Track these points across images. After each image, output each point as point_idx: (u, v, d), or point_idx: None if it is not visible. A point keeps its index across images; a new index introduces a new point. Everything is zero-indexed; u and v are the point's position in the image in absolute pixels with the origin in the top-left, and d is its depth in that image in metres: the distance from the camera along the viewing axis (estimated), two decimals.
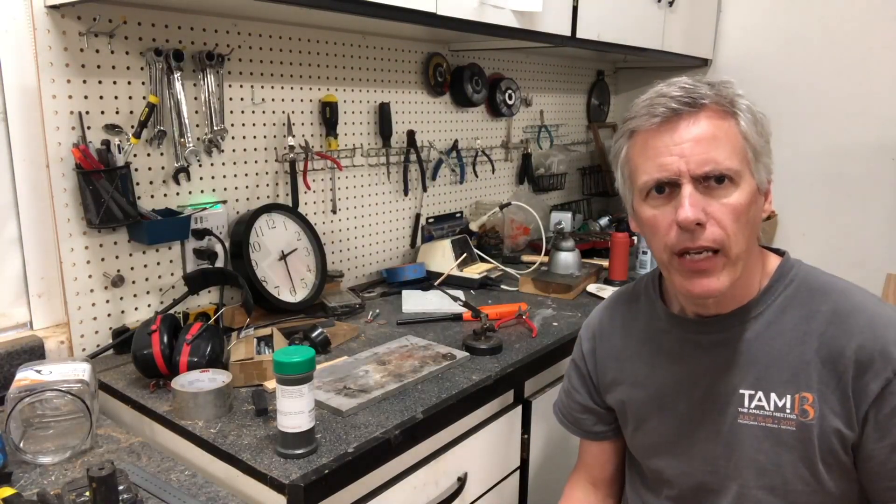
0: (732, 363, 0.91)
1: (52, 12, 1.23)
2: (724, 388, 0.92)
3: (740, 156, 0.83)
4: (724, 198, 0.82)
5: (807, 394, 0.86)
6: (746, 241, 0.85)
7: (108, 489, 0.81)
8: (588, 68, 2.81)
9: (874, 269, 2.33)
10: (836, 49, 2.35)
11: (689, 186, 0.83)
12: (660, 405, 0.99)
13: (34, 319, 1.33)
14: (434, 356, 1.36)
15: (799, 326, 0.88)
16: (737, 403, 0.91)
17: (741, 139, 0.84)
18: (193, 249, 1.50)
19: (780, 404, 0.88)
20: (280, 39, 1.63)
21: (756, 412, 0.89)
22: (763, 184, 0.86)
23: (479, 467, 1.32)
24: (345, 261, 1.90)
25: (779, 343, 0.89)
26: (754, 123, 0.85)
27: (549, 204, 2.52)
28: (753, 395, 0.89)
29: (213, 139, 1.51)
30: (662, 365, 1.00)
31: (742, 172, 0.83)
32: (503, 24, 1.60)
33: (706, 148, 0.82)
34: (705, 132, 0.83)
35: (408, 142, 2.00)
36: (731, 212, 0.82)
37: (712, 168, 0.82)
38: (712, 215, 0.82)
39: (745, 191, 0.83)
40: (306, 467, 0.97)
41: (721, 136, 0.83)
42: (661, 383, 0.99)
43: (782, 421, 0.87)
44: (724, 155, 0.82)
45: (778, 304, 0.90)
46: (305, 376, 0.97)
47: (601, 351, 1.09)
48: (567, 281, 1.85)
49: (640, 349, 1.03)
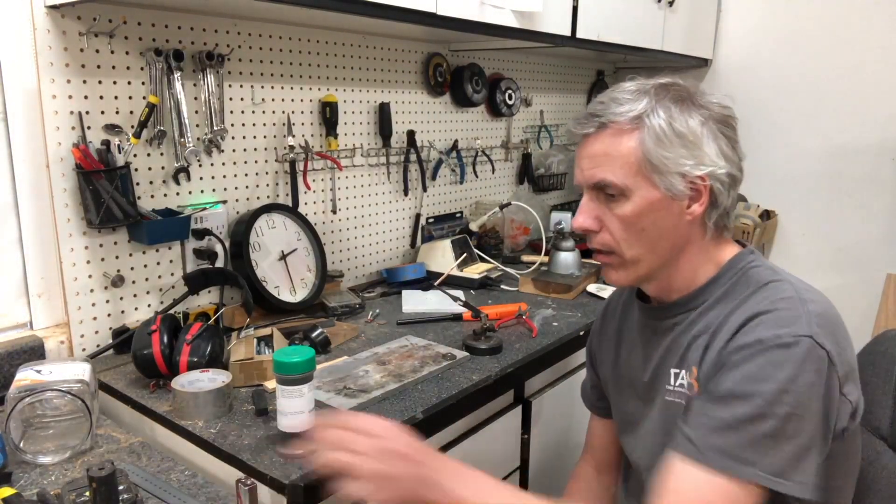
0: (671, 346, 0.97)
1: (52, 12, 1.24)
2: (663, 370, 0.98)
3: (631, 171, 0.89)
4: (615, 209, 0.92)
5: (694, 367, 0.91)
6: (641, 246, 0.92)
7: (108, 489, 0.81)
8: (588, 68, 2.82)
9: (874, 269, 2.34)
10: (836, 49, 2.35)
11: (587, 196, 0.95)
12: (628, 384, 1.07)
13: (34, 319, 1.33)
14: (434, 356, 1.36)
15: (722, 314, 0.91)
16: (665, 381, 0.97)
17: (637, 155, 0.89)
18: (193, 249, 1.50)
19: (686, 382, 0.93)
20: (280, 39, 1.63)
21: (678, 389, 0.94)
22: (677, 190, 0.89)
23: (479, 467, 1.32)
24: (345, 261, 1.90)
25: (702, 327, 0.93)
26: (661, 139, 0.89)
27: (549, 204, 2.52)
28: (677, 374, 0.95)
29: (213, 139, 1.51)
30: (631, 347, 1.07)
31: (632, 186, 0.90)
32: (503, 24, 1.60)
33: (596, 163, 0.92)
34: (597, 149, 0.92)
35: (408, 142, 2.00)
36: (619, 221, 0.92)
37: (599, 181, 0.91)
38: (604, 223, 0.93)
39: (636, 203, 0.90)
40: (306, 467, 0.97)
41: (612, 152, 0.90)
42: (627, 364, 1.07)
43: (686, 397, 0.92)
44: (611, 170, 0.90)
45: (718, 294, 0.94)
46: (305, 376, 0.97)
47: (601, 329, 1.17)
48: (567, 281, 1.85)
49: (622, 330, 1.11)
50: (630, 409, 1.06)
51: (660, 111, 0.89)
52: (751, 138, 2.52)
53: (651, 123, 0.89)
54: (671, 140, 0.89)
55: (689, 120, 0.89)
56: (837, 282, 2.39)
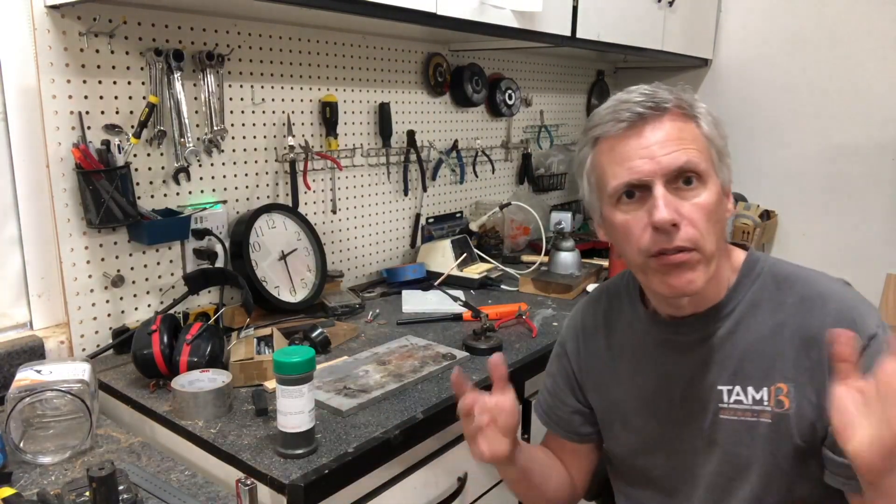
0: (709, 361, 0.92)
1: (52, 12, 1.23)
2: (703, 386, 0.93)
3: (706, 155, 0.85)
4: (694, 198, 0.84)
5: (781, 384, 0.87)
6: (717, 239, 0.86)
7: (108, 489, 0.81)
8: (588, 68, 2.81)
9: (874, 269, 2.34)
10: (836, 49, 2.35)
11: (661, 188, 0.83)
12: (644, 404, 1.00)
13: (34, 319, 1.33)
14: (434, 356, 1.36)
15: (769, 319, 0.89)
16: (716, 400, 0.91)
17: (705, 140, 0.86)
18: (193, 249, 1.50)
19: (757, 397, 0.89)
20: (280, 39, 1.63)
21: (735, 406, 0.90)
22: (727, 184, 0.89)
23: (479, 467, 1.32)
24: (345, 261, 1.90)
25: (751, 337, 0.90)
26: (715, 126, 0.87)
27: (549, 204, 2.52)
28: (731, 390, 0.90)
29: (213, 139, 1.51)
30: (644, 364, 1.00)
31: (709, 172, 0.85)
32: (503, 24, 1.60)
33: (675, 147, 0.83)
34: (671, 133, 0.84)
35: (408, 142, 2.00)
36: (702, 211, 0.84)
37: (684, 164, 0.83)
38: (685, 216, 0.83)
39: (712, 191, 0.85)
40: (306, 467, 0.97)
41: (687, 136, 0.85)
42: (644, 383, 0.99)
43: (760, 414, 0.88)
44: (693, 154, 0.84)
45: (748, 299, 0.91)
46: (305, 376, 0.97)
47: (585, 350, 1.08)
48: (567, 281, 1.85)
49: (623, 348, 1.02)
50: (655, 429, 0.99)
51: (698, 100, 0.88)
52: (751, 138, 2.52)
53: (702, 111, 0.87)
54: (719, 129, 0.87)
55: None
56: None
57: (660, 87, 0.87)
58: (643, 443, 1.01)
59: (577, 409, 1.09)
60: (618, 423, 1.04)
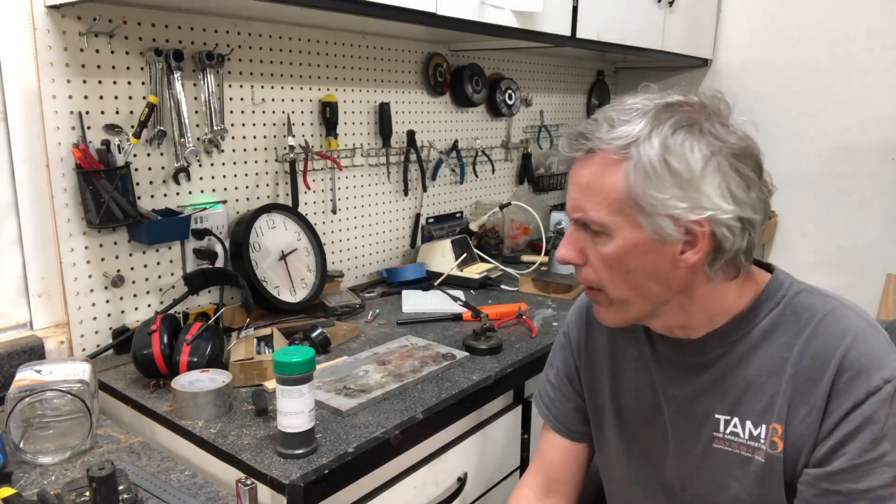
0: (710, 387, 0.89)
1: (52, 12, 1.23)
2: (700, 411, 0.90)
3: (612, 208, 0.80)
4: (599, 245, 0.83)
5: (776, 425, 0.83)
6: (631, 288, 0.83)
7: (108, 489, 0.81)
8: (588, 68, 2.81)
9: (874, 269, 2.34)
10: (836, 49, 2.35)
11: (571, 226, 0.86)
12: (637, 413, 0.98)
13: (34, 319, 1.33)
14: (434, 356, 1.36)
15: (779, 353, 0.84)
16: (712, 427, 0.89)
17: (621, 191, 0.79)
18: (193, 249, 1.50)
19: (754, 433, 0.85)
20: (280, 39, 1.63)
21: (731, 438, 0.87)
22: (666, 234, 0.79)
23: (479, 467, 1.32)
24: (345, 261, 1.90)
25: (757, 369, 0.85)
26: (649, 175, 0.77)
27: (549, 204, 2.52)
28: (729, 421, 0.87)
29: (213, 139, 1.51)
30: (638, 375, 0.98)
31: (613, 225, 0.81)
32: (503, 24, 1.60)
33: (580, 196, 0.83)
34: (583, 180, 0.83)
35: (408, 142, 2.00)
36: (601, 260, 0.83)
37: (580, 216, 0.84)
38: (588, 258, 0.85)
39: (618, 243, 0.81)
40: (306, 467, 0.97)
41: (596, 185, 0.81)
42: (640, 392, 0.97)
43: (755, 451, 0.85)
44: (592, 205, 0.81)
45: (762, 327, 0.86)
46: (305, 376, 0.97)
47: (588, 344, 1.05)
48: (567, 281, 1.85)
49: (626, 352, 1.00)
50: (646, 439, 0.97)
51: (654, 140, 0.77)
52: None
53: (641, 155, 0.77)
54: (662, 177, 0.77)
55: (689, 153, 0.77)
56: (837, 282, 2.38)
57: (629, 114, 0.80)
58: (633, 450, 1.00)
59: (578, 404, 1.08)
60: (608, 424, 1.03)
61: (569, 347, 1.09)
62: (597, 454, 1.09)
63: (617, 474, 1.05)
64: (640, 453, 0.99)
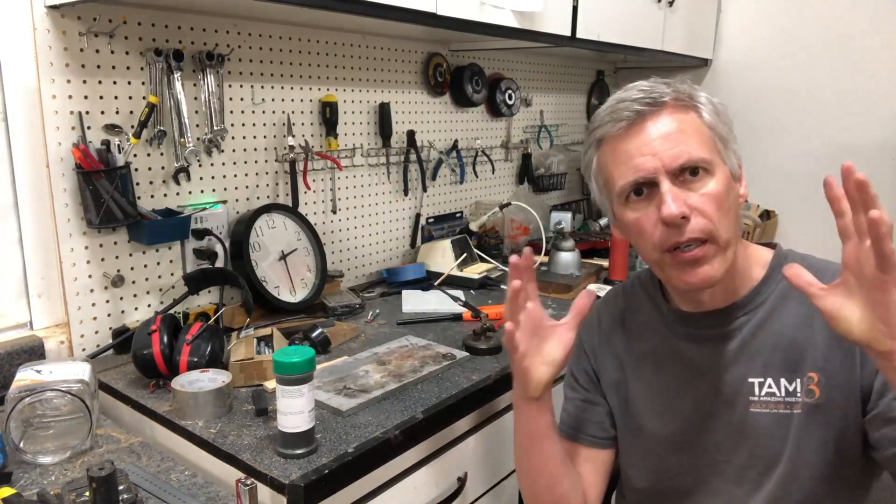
0: (739, 354, 0.92)
1: (52, 12, 1.23)
2: (732, 379, 0.92)
3: (709, 145, 0.85)
4: (702, 188, 0.84)
5: (812, 374, 0.86)
6: (731, 226, 0.86)
7: (108, 489, 0.81)
8: (588, 68, 2.81)
9: None
10: (836, 49, 2.35)
11: (667, 182, 0.84)
12: (665, 401, 0.99)
13: (34, 319, 1.33)
14: (434, 356, 1.36)
15: (800, 309, 0.88)
16: (747, 393, 0.91)
17: (706, 129, 0.86)
18: (193, 249, 1.50)
19: (790, 388, 0.88)
20: (280, 39, 1.63)
21: (767, 399, 0.90)
22: (735, 169, 0.88)
23: (479, 467, 1.32)
24: (345, 261, 1.90)
25: (783, 328, 0.89)
26: (716, 113, 0.87)
27: (549, 204, 2.52)
28: (763, 383, 0.90)
29: (213, 139, 1.51)
30: (667, 362, 0.99)
31: (714, 161, 0.85)
32: (503, 24, 1.60)
33: (676, 142, 0.84)
34: (671, 128, 0.85)
35: (408, 142, 2.00)
36: (712, 200, 0.84)
37: (686, 160, 0.84)
38: (695, 207, 0.84)
39: (720, 179, 0.85)
40: (306, 467, 0.97)
41: (687, 128, 0.85)
42: (667, 379, 0.99)
43: (793, 406, 0.88)
44: (694, 146, 0.84)
45: (778, 291, 0.91)
46: (305, 376, 0.97)
47: (603, 350, 1.07)
48: (567, 281, 1.85)
49: (644, 347, 1.02)
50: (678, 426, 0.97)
51: (697, 90, 0.88)
52: (751, 138, 2.52)
53: (703, 101, 0.87)
54: (723, 116, 0.87)
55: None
56: None
57: (657, 82, 0.88)
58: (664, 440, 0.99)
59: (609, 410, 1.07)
60: (636, 421, 1.03)
61: (584, 356, 1.09)
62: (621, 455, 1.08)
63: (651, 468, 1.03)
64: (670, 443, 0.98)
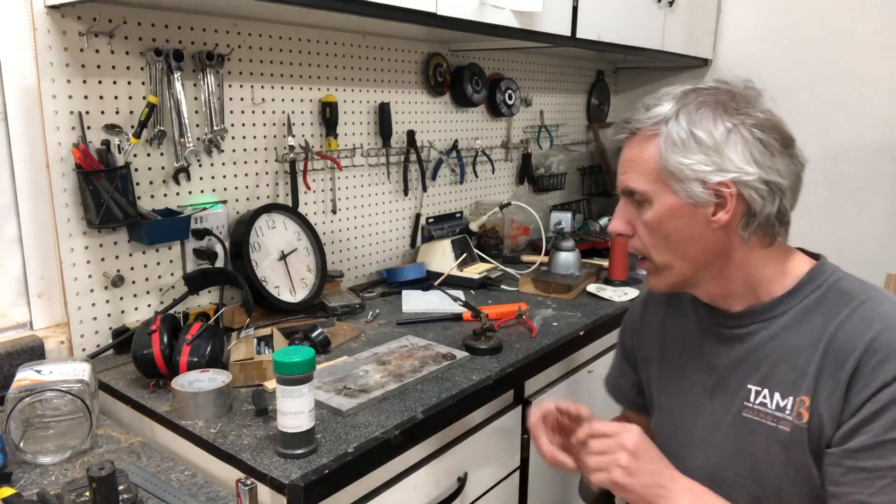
0: (746, 358, 0.95)
1: (52, 12, 1.23)
2: (735, 381, 0.96)
3: (651, 177, 0.91)
4: (642, 214, 0.93)
5: (804, 397, 0.88)
6: (668, 252, 0.93)
7: (108, 489, 0.81)
8: (588, 68, 2.81)
9: (874, 269, 2.33)
10: (836, 49, 2.35)
11: (623, 199, 0.96)
12: (679, 391, 1.04)
13: (34, 319, 1.33)
14: (434, 356, 1.36)
15: (815, 331, 0.89)
16: (743, 397, 0.94)
17: (656, 161, 0.90)
18: (193, 249, 1.50)
19: (781, 404, 0.90)
20: (280, 39, 1.63)
21: (759, 408, 0.92)
22: (699, 197, 0.88)
23: (479, 467, 1.32)
24: (345, 261, 1.90)
25: (792, 345, 0.91)
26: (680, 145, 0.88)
27: (549, 204, 2.52)
28: (759, 392, 0.93)
29: (213, 139, 1.51)
30: (683, 349, 1.05)
31: (652, 191, 0.91)
32: (503, 24, 1.60)
33: (625, 169, 0.95)
34: (629, 156, 0.94)
35: (408, 142, 2.00)
36: (645, 226, 0.93)
37: (625, 188, 0.94)
38: (635, 228, 0.95)
39: (658, 209, 0.91)
40: (306, 467, 0.97)
41: (637, 159, 0.92)
42: (684, 367, 1.04)
43: (780, 421, 0.90)
44: (634, 177, 0.92)
45: (802, 306, 0.92)
46: (305, 376, 0.97)
47: (643, 324, 1.14)
48: (567, 281, 1.85)
49: (668, 328, 1.09)
50: (679, 413, 1.04)
51: (681, 116, 0.88)
52: None
53: (669, 129, 0.89)
54: (688, 146, 0.87)
55: (712, 125, 0.87)
56: None
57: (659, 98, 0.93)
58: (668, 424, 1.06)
59: (635, 381, 1.18)
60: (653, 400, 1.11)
61: (627, 330, 1.19)
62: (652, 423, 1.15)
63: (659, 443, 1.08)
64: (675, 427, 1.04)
